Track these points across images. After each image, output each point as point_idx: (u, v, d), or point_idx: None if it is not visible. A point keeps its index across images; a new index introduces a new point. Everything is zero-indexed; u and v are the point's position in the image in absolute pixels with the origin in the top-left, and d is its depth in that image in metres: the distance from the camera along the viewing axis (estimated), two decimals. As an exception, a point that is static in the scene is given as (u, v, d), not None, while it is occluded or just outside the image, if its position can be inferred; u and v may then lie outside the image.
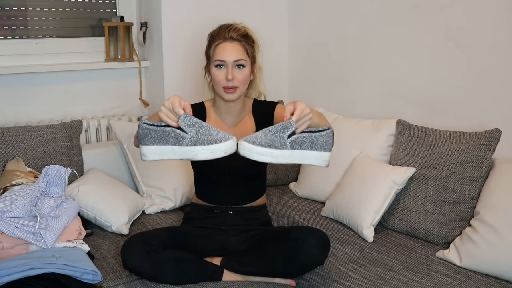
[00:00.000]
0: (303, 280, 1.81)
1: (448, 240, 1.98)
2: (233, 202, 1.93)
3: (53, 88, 2.68)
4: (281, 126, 1.44)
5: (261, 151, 1.41)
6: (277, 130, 1.43)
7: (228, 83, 1.81)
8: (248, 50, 1.84)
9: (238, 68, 1.82)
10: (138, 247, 1.71)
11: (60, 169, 1.85)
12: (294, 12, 3.03)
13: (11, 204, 1.70)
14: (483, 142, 1.96)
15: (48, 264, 1.57)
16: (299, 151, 1.45)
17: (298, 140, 1.44)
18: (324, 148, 1.48)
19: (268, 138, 1.42)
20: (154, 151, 1.46)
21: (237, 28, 1.84)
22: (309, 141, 1.45)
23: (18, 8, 2.63)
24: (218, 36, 1.84)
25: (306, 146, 1.45)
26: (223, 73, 1.82)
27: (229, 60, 1.81)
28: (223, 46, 1.82)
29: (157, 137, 1.46)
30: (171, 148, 1.45)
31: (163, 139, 1.45)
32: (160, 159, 1.47)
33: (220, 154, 1.42)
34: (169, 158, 1.46)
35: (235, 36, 1.82)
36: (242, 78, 1.83)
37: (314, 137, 1.46)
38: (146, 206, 2.34)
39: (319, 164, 1.49)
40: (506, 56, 2.06)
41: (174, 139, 1.45)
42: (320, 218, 2.29)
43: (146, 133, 1.47)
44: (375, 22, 2.56)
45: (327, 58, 2.85)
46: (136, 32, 2.89)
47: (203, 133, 1.44)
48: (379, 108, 2.56)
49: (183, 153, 1.44)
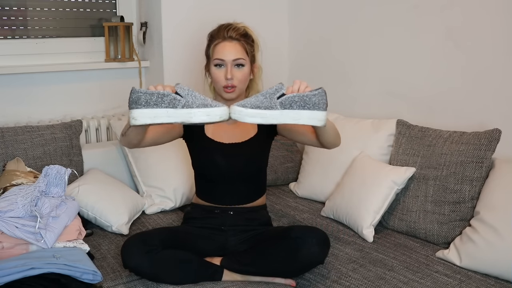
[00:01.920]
0: (303, 280, 1.81)
1: (448, 240, 1.98)
2: (233, 202, 1.93)
3: (53, 88, 2.68)
4: (272, 89, 1.45)
5: (251, 113, 1.42)
6: (267, 93, 1.44)
7: (227, 82, 1.81)
8: (247, 49, 1.85)
9: (237, 67, 1.83)
10: (138, 246, 1.71)
11: (60, 169, 1.85)
12: (294, 11, 3.03)
13: (11, 204, 1.70)
14: (483, 142, 1.96)
15: (48, 264, 1.57)
16: (290, 111, 1.44)
17: (289, 100, 1.44)
18: (318, 107, 1.46)
19: (258, 100, 1.43)
20: (146, 114, 1.44)
21: (237, 28, 1.85)
22: (300, 101, 1.44)
23: (18, 8, 2.62)
24: (217, 35, 1.85)
25: (297, 105, 1.44)
26: (222, 72, 1.83)
27: (228, 59, 1.82)
28: (223, 45, 1.83)
29: (152, 100, 1.43)
30: (165, 111, 1.44)
31: (157, 102, 1.43)
32: (152, 122, 1.45)
33: (215, 118, 1.43)
34: (162, 121, 1.45)
35: (234, 36, 1.83)
36: (241, 77, 1.83)
37: (306, 96, 1.45)
38: (146, 206, 2.34)
39: (315, 124, 1.47)
40: (505, 56, 2.06)
41: (168, 102, 1.44)
42: (320, 218, 2.29)
43: (139, 97, 1.44)
44: (375, 22, 2.56)
45: (327, 58, 2.85)
46: (136, 32, 2.89)
47: (198, 98, 1.45)
48: (379, 108, 2.56)
49: (178, 116, 1.44)
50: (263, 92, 1.47)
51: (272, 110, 1.43)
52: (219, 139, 1.91)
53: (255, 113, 1.42)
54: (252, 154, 1.91)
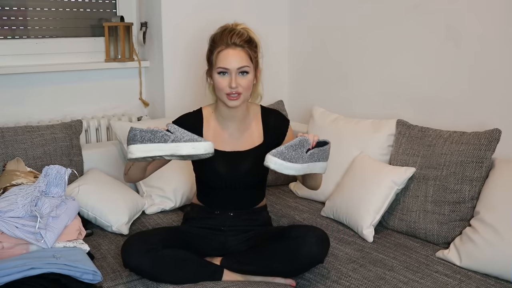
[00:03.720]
0: (303, 280, 1.81)
1: (448, 240, 1.98)
2: (234, 207, 1.92)
3: (53, 88, 2.68)
4: (299, 142, 1.66)
5: (289, 166, 1.62)
6: (297, 146, 1.65)
7: (231, 90, 1.77)
8: (251, 55, 1.80)
9: (242, 75, 1.79)
10: (138, 246, 1.71)
11: (60, 169, 1.85)
12: (294, 13, 3.03)
13: (11, 204, 1.70)
14: (483, 142, 1.96)
15: (48, 264, 1.57)
16: (311, 163, 1.68)
17: (313, 154, 1.68)
18: (327, 159, 1.74)
19: (292, 155, 1.63)
20: (141, 149, 1.61)
21: (240, 33, 1.79)
22: (319, 154, 1.70)
23: (18, 8, 2.63)
24: (220, 41, 1.79)
25: (316, 158, 1.69)
26: (227, 81, 1.78)
27: (233, 67, 1.77)
28: (226, 53, 1.77)
29: (146, 136, 1.61)
30: (157, 145, 1.61)
31: (150, 138, 1.61)
32: (146, 156, 1.62)
33: (201, 151, 1.61)
34: (154, 155, 1.61)
35: (238, 42, 1.77)
36: (246, 84, 1.79)
37: (324, 150, 1.71)
38: (146, 206, 2.34)
39: (321, 172, 1.75)
40: (506, 56, 2.06)
41: (160, 138, 1.61)
42: (320, 218, 2.29)
43: (135, 134, 1.62)
44: (376, 22, 2.56)
45: (327, 58, 2.84)
46: (136, 32, 2.89)
47: (186, 134, 1.64)
48: (379, 108, 2.56)
49: (168, 149, 1.61)
50: (292, 144, 1.65)
51: (302, 164, 1.65)
52: (221, 147, 1.87)
53: (292, 166, 1.62)
54: (255, 163, 1.86)
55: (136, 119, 2.85)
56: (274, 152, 1.62)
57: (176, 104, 2.74)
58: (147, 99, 2.93)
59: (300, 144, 1.66)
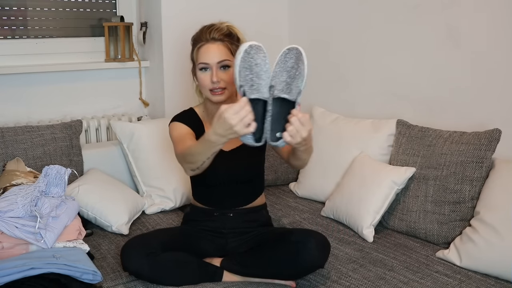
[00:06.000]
0: (303, 280, 1.81)
1: (448, 240, 1.98)
2: (232, 205, 1.92)
3: (53, 88, 2.68)
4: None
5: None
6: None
7: (214, 85, 1.77)
8: (232, 49, 1.78)
9: (223, 69, 1.77)
10: (138, 250, 1.70)
11: (60, 169, 1.85)
12: (294, 12, 3.03)
13: (11, 204, 1.70)
14: (483, 142, 1.96)
15: (48, 264, 1.57)
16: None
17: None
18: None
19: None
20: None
21: (219, 28, 1.78)
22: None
23: (18, 8, 2.63)
24: (200, 38, 1.79)
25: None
26: (208, 76, 1.77)
27: (213, 62, 1.76)
28: (206, 48, 1.77)
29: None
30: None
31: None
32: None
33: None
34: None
35: (217, 36, 1.77)
36: (228, 78, 1.77)
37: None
38: (146, 206, 2.34)
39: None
40: (506, 56, 2.06)
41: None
42: (320, 218, 2.29)
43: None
44: (376, 22, 2.56)
45: (327, 58, 2.84)
46: (136, 32, 2.89)
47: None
48: (379, 108, 2.56)
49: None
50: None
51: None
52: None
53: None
54: (251, 157, 1.87)
55: (136, 119, 2.85)
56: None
57: (176, 104, 2.74)
58: (147, 99, 2.93)
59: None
